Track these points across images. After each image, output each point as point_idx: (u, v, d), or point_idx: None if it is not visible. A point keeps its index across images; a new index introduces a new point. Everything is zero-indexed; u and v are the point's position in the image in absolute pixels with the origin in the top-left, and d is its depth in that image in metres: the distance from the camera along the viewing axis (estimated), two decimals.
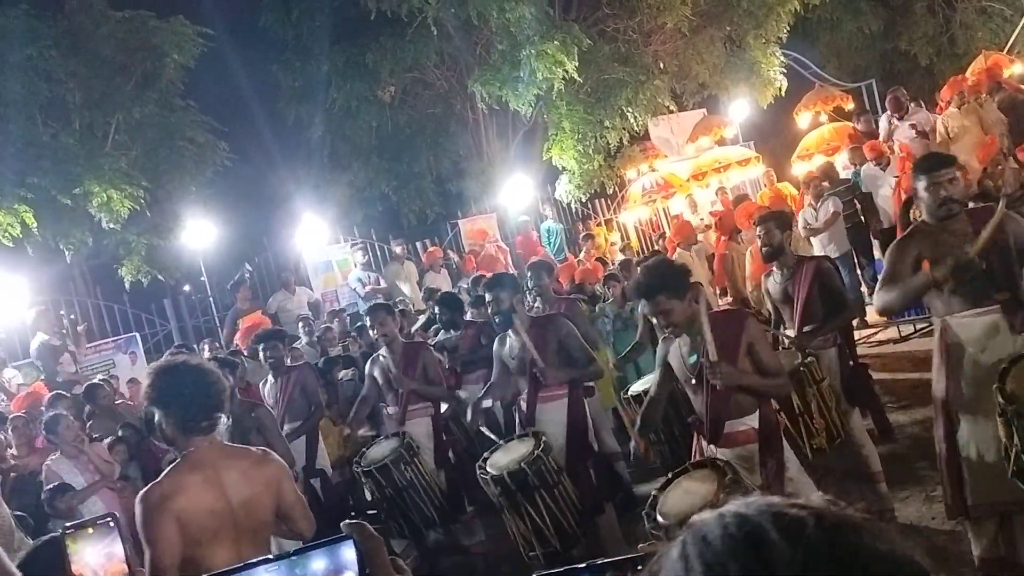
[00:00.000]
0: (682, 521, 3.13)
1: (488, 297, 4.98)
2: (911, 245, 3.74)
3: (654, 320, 3.99)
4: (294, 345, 8.37)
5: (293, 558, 1.08)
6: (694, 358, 3.66)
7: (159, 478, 2.87)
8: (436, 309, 7.02)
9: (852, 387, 4.89)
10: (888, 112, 11.29)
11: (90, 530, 1.94)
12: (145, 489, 2.84)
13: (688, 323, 3.58)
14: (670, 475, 3.50)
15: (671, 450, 4.92)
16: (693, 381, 3.67)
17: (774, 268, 5.20)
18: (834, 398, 4.56)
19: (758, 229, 5.22)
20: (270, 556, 1.10)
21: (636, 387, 5.53)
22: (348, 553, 1.09)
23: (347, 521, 1.03)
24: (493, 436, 5.07)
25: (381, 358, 5.97)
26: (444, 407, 6.16)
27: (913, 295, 3.76)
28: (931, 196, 3.69)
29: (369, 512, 7.37)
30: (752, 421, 3.62)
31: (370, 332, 6.17)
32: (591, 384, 5.28)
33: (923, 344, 7.28)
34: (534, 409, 4.87)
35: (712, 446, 3.67)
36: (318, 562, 1.09)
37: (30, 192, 9.70)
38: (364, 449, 5.53)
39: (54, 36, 10.46)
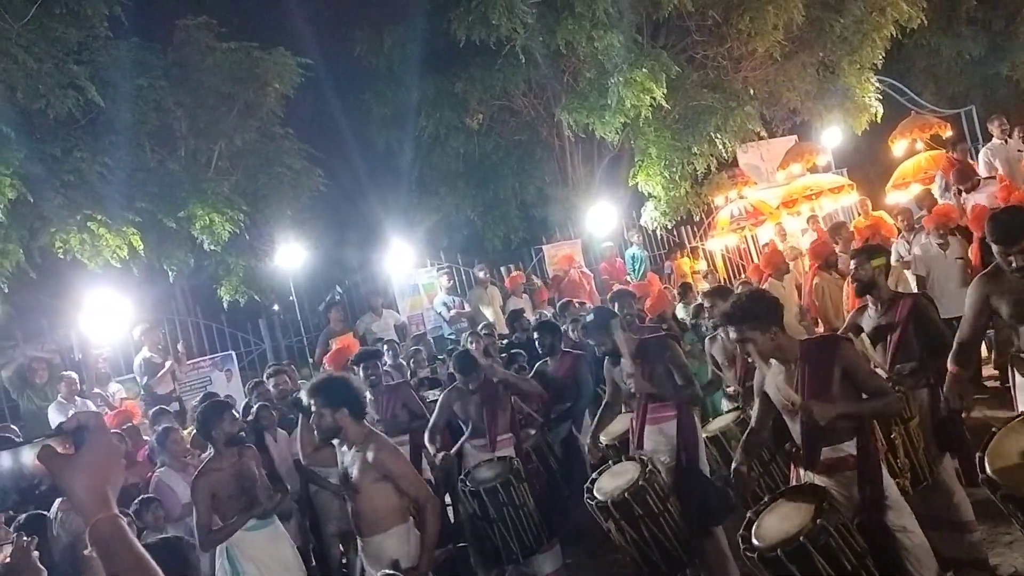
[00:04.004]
0: (776, 545, 3.18)
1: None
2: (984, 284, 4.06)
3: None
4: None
5: None
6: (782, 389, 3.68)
7: None
8: (535, 335, 7.09)
9: (945, 431, 4.63)
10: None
11: None
12: None
13: (772, 354, 3.64)
14: (767, 499, 3.54)
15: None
16: (789, 408, 3.67)
17: (869, 301, 5.06)
18: (921, 439, 4.38)
19: (852, 262, 5.11)
20: None
21: (713, 427, 5.45)
22: None
23: (385, 571, 1.07)
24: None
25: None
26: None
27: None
28: (1007, 266, 3.88)
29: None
30: (850, 447, 3.59)
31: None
32: None
33: None
34: (642, 431, 4.88)
35: (809, 472, 3.66)
36: None
37: (137, 216, 10.14)
38: (470, 469, 5.59)
39: (163, 67, 10.94)
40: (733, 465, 3.96)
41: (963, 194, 9.86)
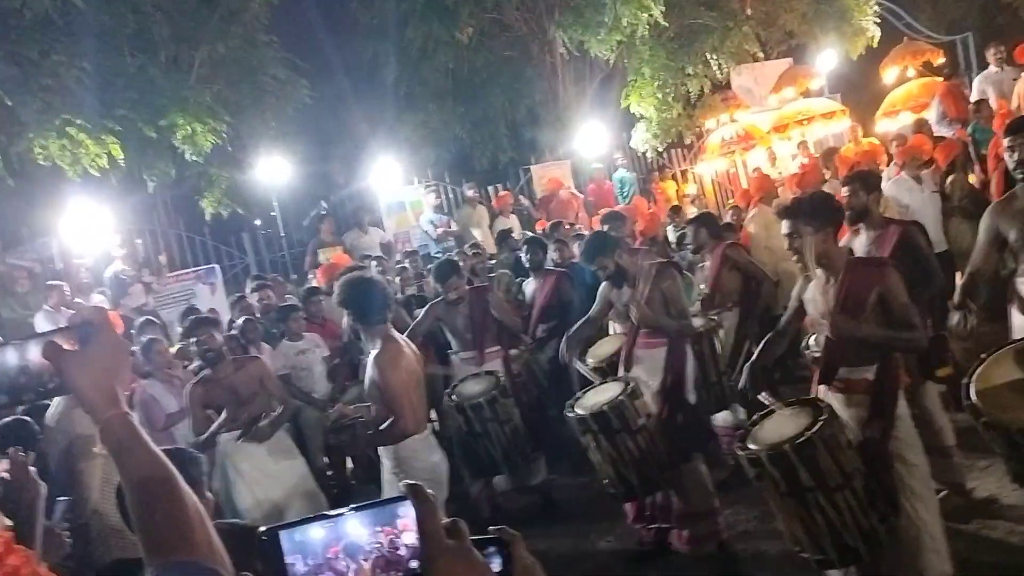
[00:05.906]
0: (771, 448, 3.25)
1: None
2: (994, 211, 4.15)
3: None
4: None
5: (351, 513, 1.04)
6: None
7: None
8: (524, 248, 7.05)
9: (927, 357, 4.55)
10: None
11: None
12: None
13: (818, 257, 3.68)
14: (768, 408, 3.60)
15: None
16: (822, 320, 3.71)
17: (862, 228, 5.03)
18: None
19: (844, 189, 5.06)
20: (327, 512, 1.08)
21: None
22: (406, 511, 1.04)
23: (406, 481, 1.01)
24: (587, 372, 5.10)
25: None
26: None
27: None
28: (1008, 158, 3.99)
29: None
30: (869, 372, 3.61)
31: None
32: None
33: None
34: (631, 353, 4.89)
35: (823, 386, 3.70)
36: (379, 517, 1.05)
37: (117, 124, 9.87)
38: (457, 383, 5.58)
39: None
40: (749, 362, 4.03)
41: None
